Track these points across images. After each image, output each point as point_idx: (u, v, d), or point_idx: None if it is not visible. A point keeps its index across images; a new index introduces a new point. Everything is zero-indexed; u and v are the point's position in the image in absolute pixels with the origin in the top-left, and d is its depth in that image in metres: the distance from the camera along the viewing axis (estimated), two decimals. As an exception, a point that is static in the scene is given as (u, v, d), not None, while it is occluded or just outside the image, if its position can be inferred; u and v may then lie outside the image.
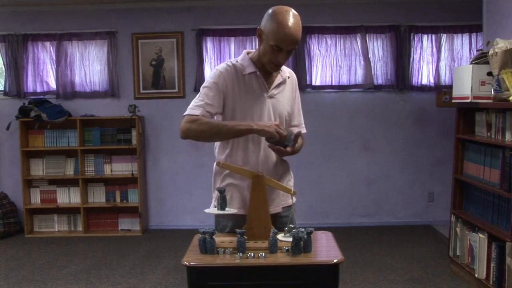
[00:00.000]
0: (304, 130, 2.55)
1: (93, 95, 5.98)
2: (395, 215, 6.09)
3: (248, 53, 2.41)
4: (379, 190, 6.07)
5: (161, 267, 4.66)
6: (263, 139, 2.31)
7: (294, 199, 2.48)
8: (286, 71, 2.48)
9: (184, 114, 2.27)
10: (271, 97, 2.37)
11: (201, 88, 2.34)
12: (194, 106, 2.27)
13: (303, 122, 2.59)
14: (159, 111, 6.01)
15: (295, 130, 2.48)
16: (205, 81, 2.35)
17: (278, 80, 2.40)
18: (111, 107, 5.99)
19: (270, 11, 2.23)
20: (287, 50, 2.23)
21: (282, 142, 2.22)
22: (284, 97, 2.44)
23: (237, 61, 2.37)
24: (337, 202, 6.08)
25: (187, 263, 1.98)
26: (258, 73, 2.34)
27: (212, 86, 2.30)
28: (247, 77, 2.34)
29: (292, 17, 2.19)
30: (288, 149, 2.25)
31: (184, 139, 2.27)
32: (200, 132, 2.21)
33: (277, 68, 2.32)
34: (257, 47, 2.38)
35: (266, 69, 2.34)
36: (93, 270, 4.60)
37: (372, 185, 6.07)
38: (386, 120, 6.00)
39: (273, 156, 2.38)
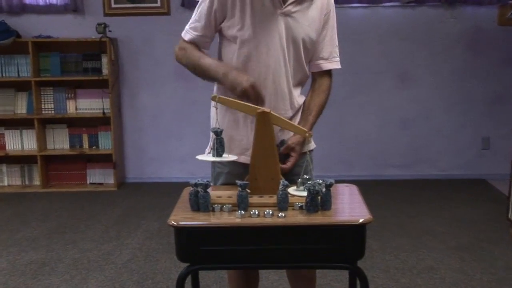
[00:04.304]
0: (336, 66, 2.53)
1: (49, 10, 5.90)
2: (438, 166, 6.13)
3: None
4: (418, 134, 6.08)
5: (142, 230, 4.74)
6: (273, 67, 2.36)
7: (312, 145, 2.51)
8: None
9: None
10: (286, 14, 2.34)
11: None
12: (187, 28, 2.45)
13: (336, 55, 2.53)
14: (137, 31, 5.96)
15: (324, 64, 2.49)
16: None
17: None
18: (74, 26, 5.93)
19: None
20: None
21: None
22: (306, 18, 2.39)
23: None
24: (364, 149, 6.11)
25: (175, 223, 2.01)
26: None
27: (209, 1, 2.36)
28: None
29: None
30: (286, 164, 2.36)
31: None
32: (185, 65, 2.46)
33: None
34: None
35: None
36: (55, 234, 4.68)
37: (410, 128, 6.08)
38: (429, 44, 5.93)
39: (284, 89, 2.41)
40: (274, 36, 2.35)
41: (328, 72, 2.53)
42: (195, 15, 2.42)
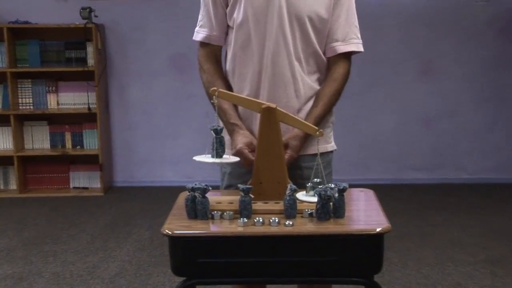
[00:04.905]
0: (355, 48, 2.51)
1: (28, -8, 5.95)
2: (466, 168, 6.13)
3: None
4: (443, 133, 6.08)
5: (132, 240, 4.75)
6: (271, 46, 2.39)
7: (331, 146, 2.51)
8: None
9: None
10: None
11: None
12: (197, 28, 2.54)
13: (355, 36, 2.53)
14: (126, 16, 5.97)
15: (339, 47, 2.48)
16: None
17: None
18: (55, 10, 5.94)
19: None
20: None
21: None
22: None
23: None
24: (382, 150, 6.12)
25: (169, 232, 2.01)
26: None
27: None
28: None
29: None
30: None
31: None
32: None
33: None
34: None
35: None
36: (34, 245, 4.68)
37: (434, 126, 6.08)
38: (456, 31, 5.94)
39: (286, 73, 2.42)
40: (272, 14, 2.36)
41: (346, 57, 2.50)
42: (201, 12, 2.51)
